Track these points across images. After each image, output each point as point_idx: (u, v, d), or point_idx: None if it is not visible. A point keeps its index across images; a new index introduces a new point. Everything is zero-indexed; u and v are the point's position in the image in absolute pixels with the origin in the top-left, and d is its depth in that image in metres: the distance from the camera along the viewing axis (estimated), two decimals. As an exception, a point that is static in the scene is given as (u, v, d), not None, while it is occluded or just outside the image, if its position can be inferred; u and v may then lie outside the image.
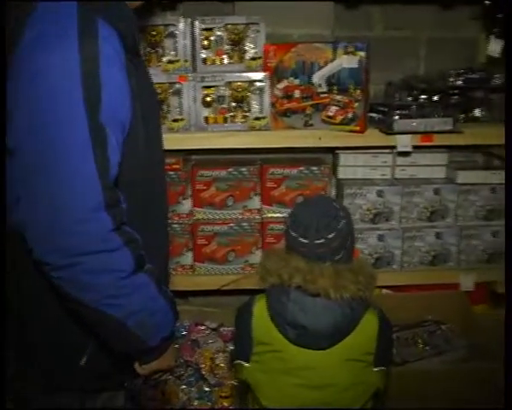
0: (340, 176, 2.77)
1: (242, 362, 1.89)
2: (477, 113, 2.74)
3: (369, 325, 1.83)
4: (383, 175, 2.77)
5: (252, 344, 1.85)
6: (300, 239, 1.77)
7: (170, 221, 2.52)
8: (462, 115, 2.69)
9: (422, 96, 2.66)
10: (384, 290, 2.79)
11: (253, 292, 1.96)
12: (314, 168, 2.63)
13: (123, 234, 1.47)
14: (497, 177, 2.73)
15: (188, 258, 2.68)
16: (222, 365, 2.69)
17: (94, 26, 1.44)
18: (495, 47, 2.42)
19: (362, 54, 2.40)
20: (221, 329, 2.84)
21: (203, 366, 2.68)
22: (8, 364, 1.70)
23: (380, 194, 2.67)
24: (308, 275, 1.75)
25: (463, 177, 2.74)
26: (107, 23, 1.47)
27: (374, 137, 2.51)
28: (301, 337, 1.78)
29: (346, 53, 2.41)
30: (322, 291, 1.74)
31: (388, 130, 2.48)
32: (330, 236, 1.78)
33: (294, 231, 1.78)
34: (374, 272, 1.90)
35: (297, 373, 1.82)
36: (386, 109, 2.56)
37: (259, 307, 1.85)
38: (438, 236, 2.72)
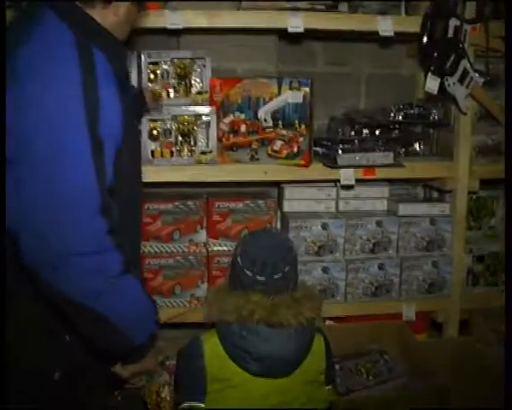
0: (286, 209, 2.81)
1: (195, 403, 1.84)
2: (417, 147, 2.83)
3: (318, 346, 1.90)
4: (327, 208, 2.82)
5: (205, 384, 1.82)
6: (257, 277, 1.78)
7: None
8: (403, 149, 2.77)
9: (364, 131, 2.74)
10: (328, 322, 2.82)
11: (199, 325, 1.98)
12: (260, 202, 2.66)
13: (115, 237, 1.59)
14: (437, 209, 2.81)
15: (134, 292, 2.65)
16: (168, 398, 2.65)
17: (90, 49, 1.59)
18: (432, 84, 2.50)
19: (306, 89, 2.45)
20: (167, 362, 2.80)
21: (149, 400, 2.64)
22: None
23: (324, 226, 2.71)
24: (269, 309, 1.77)
25: (404, 209, 2.81)
26: (101, 52, 1.61)
27: (318, 170, 2.56)
28: (265, 368, 1.79)
29: (291, 88, 2.46)
30: (284, 321, 1.76)
31: (332, 164, 2.53)
32: (286, 269, 1.81)
33: (249, 269, 1.79)
34: (320, 295, 1.95)
35: (258, 402, 1.82)
36: (329, 144, 2.61)
37: (211, 346, 1.83)
38: (380, 267, 2.77)
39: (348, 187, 2.77)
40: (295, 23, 2.40)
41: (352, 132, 2.75)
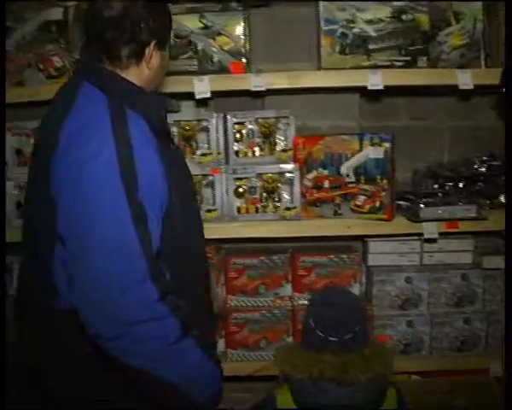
0: (370, 263, 2.82)
1: None
2: (502, 199, 2.80)
3: (391, 399, 1.90)
4: (411, 261, 2.81)
5: None
6: (330, 338, 1.82)
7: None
8: (488, 202, 2.74)
9: (448, 184, 2.73)
10: (413, 376, 2.80)
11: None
12: (344, 256, 2.69)
13: (168, 302, 1.59)
14: (523, 261, 2.76)
15: (220, 345, 2.71)
16: None
17: (123, 114, 1.63)
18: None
19: (387, 145, 2.49)
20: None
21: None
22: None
23: (408, 280, 2.71)
24: (339, 367, 1.80)
25: (489, 262, 2.77)
26: (134, 111, 1.68)
27: (401, 224, 2.58)
28: None
29: (372, 144, 2.51)
30: (354, 379, 1.79)
31: (415, 217, 2.54)
32: (357, 328, 1.84)
33: (321, 331, 1.83)
34: (392, 350, 1.99)
35: None
36: (412, 197, 2.62)
37: (283, 400, 1.89)
38: (466, 321, 2.73)
39: (432, 240, 2.76)
40: (375, 81, 2.45)
41: (436, 185, 2.75)
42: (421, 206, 2.53)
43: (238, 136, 2.60)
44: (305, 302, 2.67)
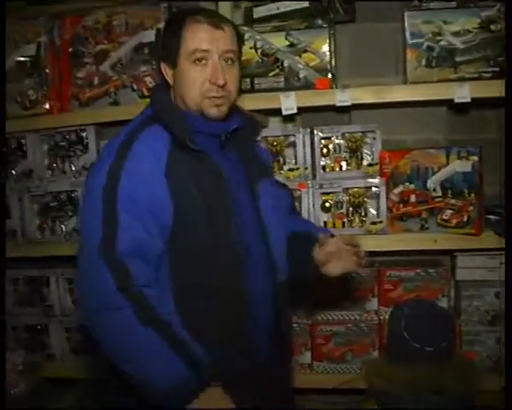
0: (458, 278, 2.77)
1: None
2: None
3: None
4: (501, 277, 2.75)
5: None
6: (426, 348, 1.82)
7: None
8: None
9: (540, 197, 2.67)
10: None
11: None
12: (431, 270, 2.67)
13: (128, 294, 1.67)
14: None
15: (306, 357, 2.75)
16: None
17: (140, 128, 1.84)
18: None
19: (475, 158, 2.47)
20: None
21: None
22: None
23: (498, 295, 2.66)
24: (434, 377, 1.80)
25: None
26: (160, 124, 1.84)
27: (489, 239, 2.53)
28: None
29: (459, 158, 2.50)
30: (447, 388, 1.78)
31: (504, 231, 2.49)
32: (451, 336, 1.83)
33: (417, 341, 1.84)
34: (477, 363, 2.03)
35: None
36: (502, 211, 2.58)
37: None
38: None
39: (522, 255, 2.70)
40: (462, 93, 2.42)
41: (526, 199, 2.70)
42: (512, 220, 2.50)
43: (325, 151, 2.64)
44: (391, 316, 2.70)
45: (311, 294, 2.67)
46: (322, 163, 2.63)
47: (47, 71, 2.81)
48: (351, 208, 2.59)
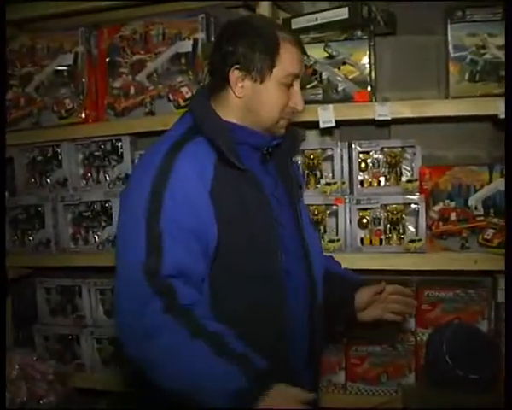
0: (500, 300, 2.67)
1: None
2: None
3: None
4: (544, 299, 2.67)
5: None
6: (471, 376, 1.75)
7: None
8: None
9: None
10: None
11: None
12: (471, 291, 2.58)
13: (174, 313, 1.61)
14: None
15: (340, 377, 2.69)
16: None
17: (183, 142, 1.75)
18: None
19: (519, 176, 2.38)
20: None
21: None
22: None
23: (541, 319, 2.57)
24: (476, 406, 1.73)
25: None
26: (205, 139, 1.75)
27: (533, 260, 2.44)
28: None
29: (503, 176, 2.41)
30: None
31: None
32: (496, 366, 1.76)
33: (462, 369, 1.77)
34: None
35: None
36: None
37: None
38: None
39: None
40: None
41: None
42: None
43: (363, 165, 2.58)
44: (429, 338, 2.62)
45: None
46: (360, 178, 2.57)
47: (83, 80, 2.82)
48: (389, 225, 2.52)
